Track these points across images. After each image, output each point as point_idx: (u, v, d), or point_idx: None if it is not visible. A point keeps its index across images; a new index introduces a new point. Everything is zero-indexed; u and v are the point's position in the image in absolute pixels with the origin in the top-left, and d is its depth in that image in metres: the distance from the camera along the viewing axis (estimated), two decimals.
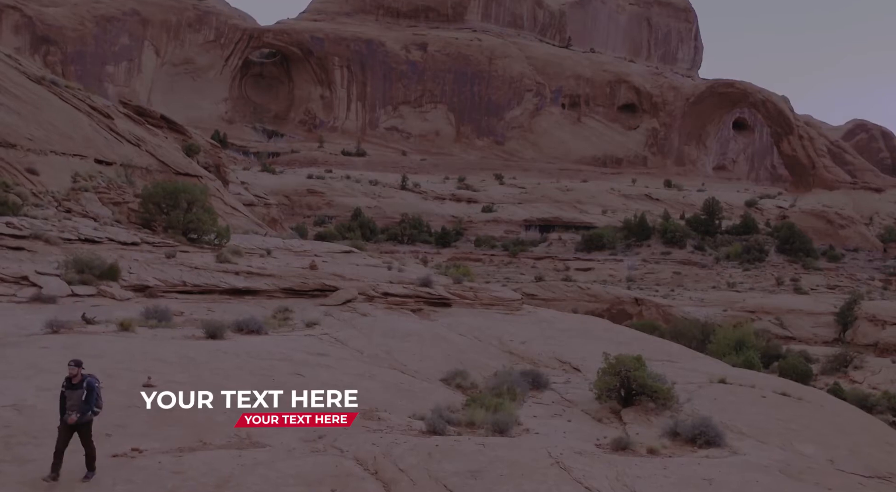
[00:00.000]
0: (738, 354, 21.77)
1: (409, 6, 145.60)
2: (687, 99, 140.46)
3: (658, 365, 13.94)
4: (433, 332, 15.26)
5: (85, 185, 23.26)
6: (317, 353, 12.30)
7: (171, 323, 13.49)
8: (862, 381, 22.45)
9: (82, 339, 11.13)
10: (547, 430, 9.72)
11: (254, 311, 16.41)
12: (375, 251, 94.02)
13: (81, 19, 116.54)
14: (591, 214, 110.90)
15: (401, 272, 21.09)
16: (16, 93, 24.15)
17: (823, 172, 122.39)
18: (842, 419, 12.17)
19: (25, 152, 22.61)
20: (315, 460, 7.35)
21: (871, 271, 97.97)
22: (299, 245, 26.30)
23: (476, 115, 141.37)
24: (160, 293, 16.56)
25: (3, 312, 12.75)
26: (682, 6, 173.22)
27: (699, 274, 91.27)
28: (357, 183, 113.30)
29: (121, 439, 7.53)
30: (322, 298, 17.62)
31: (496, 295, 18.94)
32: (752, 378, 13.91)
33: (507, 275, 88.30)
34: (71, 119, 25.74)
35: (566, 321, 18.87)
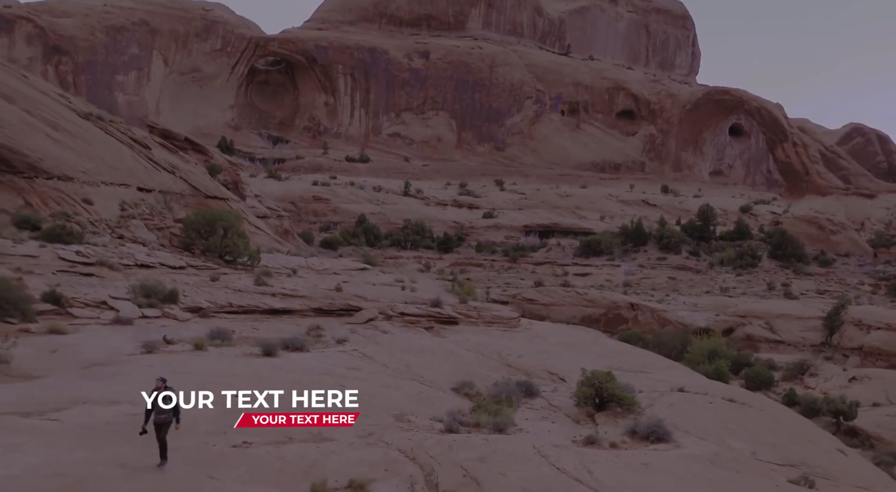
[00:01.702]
0: (711, 362, 24.63)
1: (411, 15, 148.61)
2: (684, 106, 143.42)
3: (632, 376, 16.90)
4: (444, 348, 18.20)
5: (132, 212, 26.23)
6: (351, 368, 15.21)
7: (231, 342, 16.42)
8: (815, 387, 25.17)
9: (172, 358, 14.06)
10: (535, 429, 12.66)
11: (291, 328, 19.38)
12: (380, 257, 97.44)
13: (92, 29, 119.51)
14: (590, 220, 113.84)
15: (413, 292, 23.99)
16: (69, 129, 27.11)
17: (817, 178, 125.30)
18: (775, 421, 15.11)
19: (81, 184, 25.58)
20: (370, 450, 10.30)
21: (861, 276, 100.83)
22: (319, 263, 29.24)
23: (477, 121, 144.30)
24: (212, 314, 19.49)
25: (98, 335, 15.68)
26: (680, 13, 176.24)
27: (693, 279, 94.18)
28: (361, 189, 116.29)
29: (233, 436, 10.46)
30: (347, 317, 20.56)
31: (497, 314, 21.85)
32: (707, 387, 16.84)
33: (508, 280, 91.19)
34: (115, 151, 28.70)
35: (558, 336, 21.79)
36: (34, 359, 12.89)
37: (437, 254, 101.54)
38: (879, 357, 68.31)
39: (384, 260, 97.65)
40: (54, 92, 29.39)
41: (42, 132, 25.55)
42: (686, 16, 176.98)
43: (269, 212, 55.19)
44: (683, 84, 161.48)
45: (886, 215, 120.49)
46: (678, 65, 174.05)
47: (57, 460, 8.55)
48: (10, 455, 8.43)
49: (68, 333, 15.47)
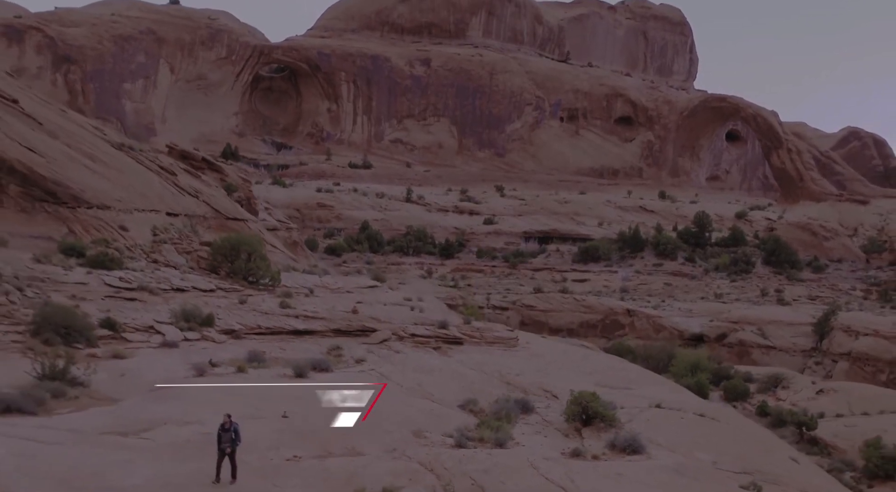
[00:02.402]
0: (693, 375, 26.97)
1: (412, 23, 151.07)
2: (681, 113, 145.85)
3: (616, 392, 19.31)
4: (450, 367, 20.56)
5: (163, 237, 28.62)
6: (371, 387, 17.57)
7: (266, 364, 18.79)
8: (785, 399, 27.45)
9: (221, 381, 16.42)
10: (530, 443, 15.01)
11: (313, 348, 21.78)
12: (383, 263, 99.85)
13: (100, 39, 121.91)
14: (588, 226, 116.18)
15: (421, 312, 26.36)
16: (105, 160, 29.50)
17: (811, 184, 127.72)
18: (738, 433, 17.48)
19: (117, 212, 27.97)
20: (396, 463, 12.63)
21: (853, 282, 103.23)
22: (333, 282, 31.63)
23: (478, 127, 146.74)
24: (243, 335, 21.86)
25: (152, 358, 18.05)
26: (678, 20, 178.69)
27: (689, 285, 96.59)
28: (364, 196, 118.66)
29: (285, 451, 12.79)
30: (364, 338, 22.92)
31: (497, 335, 24.21)
32: (682, 403, 19.19)
33: (508, 286, 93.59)
34: (145, 179, 31.10)
35: (552, 354, 24.16)
36: (108, 383, 15.20)
37: (439, 260, 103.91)
38: (867, 362, 70.85)
39: (387, 266, 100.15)
40: (89, 124, 31.78)
41: (82, 164, 27.94)
42: (684, 22, 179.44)
43: (278, 224, 57.37)
44: (681, 90, 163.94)
45: (879, 221, 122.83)
46: (676, 71, 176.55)
47: (165, 472, 10.86)
48: (128, 468, 10.73)
49: (127, 357, 17.81)
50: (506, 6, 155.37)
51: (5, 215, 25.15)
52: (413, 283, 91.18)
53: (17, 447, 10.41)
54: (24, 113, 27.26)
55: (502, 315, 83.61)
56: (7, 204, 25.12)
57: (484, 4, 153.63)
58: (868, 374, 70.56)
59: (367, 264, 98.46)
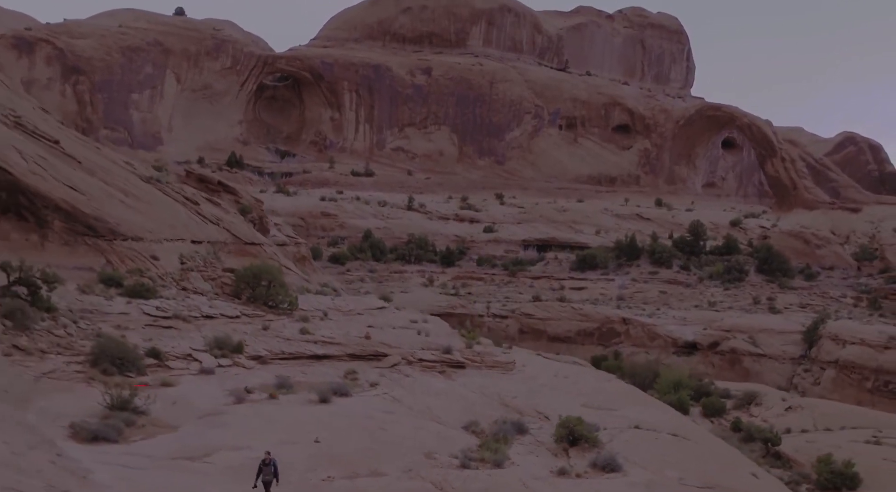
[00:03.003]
0: (675, 392, 29.51)
1: (414, 32, 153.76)
2: (677, 121, 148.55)
3: (600, 413, 21.94)
4: (455, 391, 23.14)
5: (190, 265, 31.23)
6: (386, 411, 20.13)
7: (293, 389, 21.37)
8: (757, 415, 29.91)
9: (259, 408, 18.98)
10: (524, 462, 17.58)
11: (331, 372, 24.39)
12: (386, 271, 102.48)
13: (109, 50, 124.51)
14: (586, 234, 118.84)
15: (427, 337, 28.96)
16: (136, 194, 32.12)
17: (804, 192, 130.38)
18: (706, 451, 20.09)
19: (149, 242, 30.58)
20: (413, 482, 15.17)
21: (844, 289, 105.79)
22: (345, 305, 34.25)
23: (478, 136, 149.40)
24: (269, 360, 24.45)
25: (194, 385, 20.61)
26: (675, 28, 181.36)
27: (683, 293, 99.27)
28: (366, 204, 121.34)
29: (320, 472, 15.35)
30: (376, 362, 25.51)
31: (496, 359, 26.78)
32: (657, 423, 21.76)
33: (507, 294, 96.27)
34: (172, 210, 33.72)
35: (545, 375, 26.74)
36: (164, 411, 17.72)
37: (440, 268, 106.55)
38: (853, 370, 73.65)
39: (389, 274, 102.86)
40: (121, 160, 34.38)
41: (117, 199, 30.55)
42: (681, 31, 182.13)
43: (287, 239, 59.83)
44: (678, 98, 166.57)
45: (870, 229, 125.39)
46: (673, 78, 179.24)
47: None
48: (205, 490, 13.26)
49: (174, 385, 20.37)
50: (505, 16, 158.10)
51: (51, 249, 27.76)
52: (415, 291, 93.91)
53: (116, 473, 12.90)
54: (65, 153, 29.88)
55: (502, 323, 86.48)
56: (52, 238, 27.75)
57: (484, 14, 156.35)
58: (854, 381, 73.37)
59: (371, 273, 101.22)
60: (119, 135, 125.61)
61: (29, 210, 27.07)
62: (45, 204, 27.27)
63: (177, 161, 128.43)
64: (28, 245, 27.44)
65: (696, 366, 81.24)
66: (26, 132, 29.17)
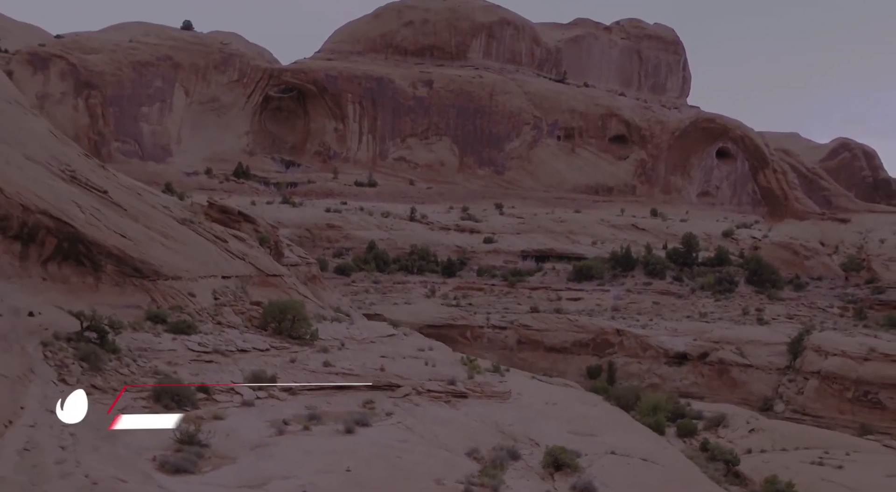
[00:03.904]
0: (653, 415, 33.34)
1: (416, 45, 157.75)
2: (672, 133, 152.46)
3: (583, 439, 25.83)
4: (459, 419, 26.96)
5: (223, 300, 35.10)
6: (401, 440, 23.89)
7: (322, 420, 25.17)
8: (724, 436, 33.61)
9: (297, 439, 22.76)
10: (517, 486, 21.35)
11: (351, 402, 28.23)
12: (389, 282, 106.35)
13: (120, 65, 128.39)
14: (583, 245, 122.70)
15: (434, 367, 32.84)
16: (173, 235, 35.96)
17: (795, 203, 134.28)
18: (670, 473, 23.94)
19: (186, 281, 34.48)
20: None
21: (832, 299, 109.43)
22: (359, 333, 38.14)
23: (478, 146, 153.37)
24: (298, 391, 28.31)
25: (240, 417, 24.35)
26: (671, 39, 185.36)
27: (676, 304, 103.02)
28: (370, 215, 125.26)
29: None
30: (390, 392, 29.35)
31: (494, 389, 30.63)
32: (631, 449, 25.56)
33: (506, 305, 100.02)
34: (204, 248, 37.57)
35: (538, 403, 30.59)
36: (222, 443, 21.42)
37: (442, 278, 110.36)
38: (834, 381, 77.56)
39: (393, 285, 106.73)
40: (159, 204, 38.29)
41: (158, 242, 34.40)
42: (677, 42, 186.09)
43: (299, 260, 63.54)
44: (673, 109, 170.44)
45: (859, 239, 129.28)
46: (669, 88, 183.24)
47: None
48: None
49: (223, 418, 24.15)
50: (505, 29, 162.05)
51: (104, 289, 31.67)
52: (418, 303, 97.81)
53: None
54: (113, 202, 33.80)
55: (501, 334, 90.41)
56: (105, 280, 31.66)
57: (484, 27, 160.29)
58: (836, 391, 77.33)
59: (375, 284, 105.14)
60: (130, 147, 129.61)
61: (86, 256, 30.90)
62: (100, 251, 31.09)
63: (185, 172, 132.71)
64: (85, 287, 31.27)
65: (686, 376, 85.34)
66: (80, 185, 33.07)
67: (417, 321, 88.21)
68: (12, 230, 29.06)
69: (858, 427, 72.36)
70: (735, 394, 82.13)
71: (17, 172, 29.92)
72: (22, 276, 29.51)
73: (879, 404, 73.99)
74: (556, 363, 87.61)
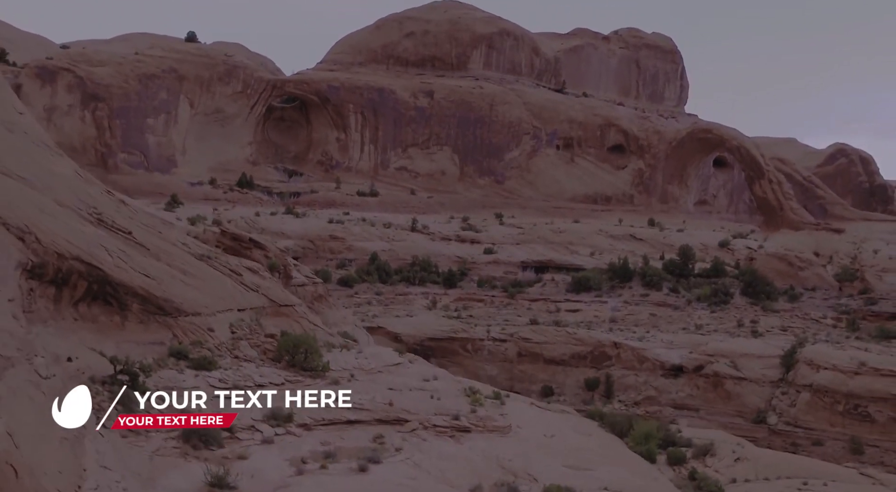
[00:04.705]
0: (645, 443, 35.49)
1: (416, 56, 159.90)
2: (669, 143, 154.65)
3: (578, 474, 27.97)
4: (463, 454, 29.06)
5: (239, 334, 37.18)
6: (410, 477, 26.00)
7: (337, 457, 27.26)
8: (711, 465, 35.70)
9: (316, 479, 24.87)
10: None
11: (362, 436, 30.32)
12: (391, 293, 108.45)
13: (126, 78, 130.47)
14: (581, 256, 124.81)
15: (439, 400, 34.99)
16: (193, 273, 38.04)
17: (790, 214, 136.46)
18: None
19: (205, 317, 36.60)
20: None
21: (825, 310, 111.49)
22: (367, 363, 40.25)
23: (478, 156, 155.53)
24: (312, 427, 30.41)
25: (262, 456, 26.44)
26: (669, 48, 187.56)
27: (672, 316, 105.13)
28: (372, 226, 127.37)
29: None
30: (398, 426, 31.48)
31: (496, 424, 32.73)
32: (623, 483, 27.70)
33: (506, 316, 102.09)
34: (221, 283, 39.65)
35: (536, 436, 32.71)
36: (247, 484, 23.52)
37: (443, 289, 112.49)
38: (826, 394, 79.77)
39: (395, 297, 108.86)
40: (178, 241, 40.40)
41: (179, 280, 36.51)
42: (674, 50, 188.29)
43: (306, 280, 65.39)
44: (671, 118, 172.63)
45: (852, 249, 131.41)
46: (667, 97, 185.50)
47: None
48: None
49: (247, 457, 26.24)
50: (505, 40, 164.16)
51: (130, 327, 33.79)
52: (420, 315, 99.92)
53: None
54: (137, 242, 35.94)
55: (502, 347, 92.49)
56: (131, 318, 33.78)
57: (484, 38, 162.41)
58: (827, 404, 79.54)
59: (377, 295, 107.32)
60: (136, 158, 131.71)
61: (113, 297, 33.01)
62: (126, 291, 33.21)
63: (190, 183, 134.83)
64: (112, 325, 33.39)
65: (682, 388, 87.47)
66: (107, 227, 35.21)
67: (420, 334, 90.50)
68: (48, 276, 31.13)
69: (849, 440, 74.71)
70: (729, 406, 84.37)
71: (51, 220, 32.04)
72: (56, 318, 31.62)
73: (869, 417, 76.19)
74: (556, 375, 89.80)
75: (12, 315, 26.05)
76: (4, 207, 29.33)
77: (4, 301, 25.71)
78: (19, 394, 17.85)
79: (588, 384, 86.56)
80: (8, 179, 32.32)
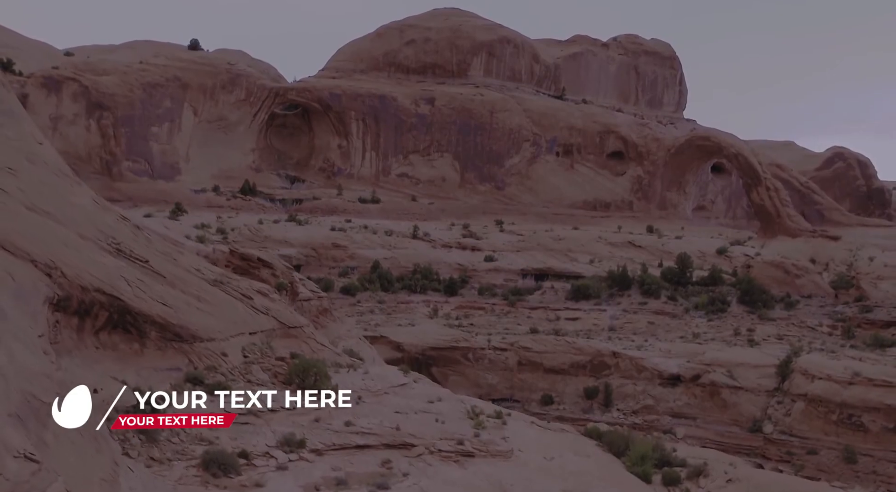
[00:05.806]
0: (641, 464, 37.01)
1: (417, 64, 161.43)
2: (668, 150, 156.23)
3: None
4: (467, 480, 30.60)
5: (251, 358, 38.70)
6: None
7: (349, 484, 28.80)
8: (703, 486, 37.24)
9: None
10: None
11: (371, 461, 31.85)
12: (393, 301, 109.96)
13: (130, 87, 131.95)
14: (580, 263, 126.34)
15: (443, 424, 36.52)
16: (207, 299, 39.57)
17: (787, 221, 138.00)
18: None
19: (219, 342, 38.14)
20: None
21: (821, 317, 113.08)
22: (373, 384, 41.78)
23: (478, 162, 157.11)
24: (324, 452, 31.95)
25: (277, 483, 28.00)
26: (668, 54, 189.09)
27: (670, 324, 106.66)
28: (374, 234, 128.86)
29: None
30: (405, 450, 32.99)
31: (498, 448, 34.31)
32: None
33: (507, 325, 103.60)
34: (233, 307, 41.18)
35: (536, 459, 34.29)
36: None
37: (444, 297, 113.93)
38: (820, 404, 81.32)
39: (397, 305, 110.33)
40: (192, 267, 41.92)
41: (194, 306, 38.03)
42: (673, 56, 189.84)
43: (311, 294, 66.96)
44: (669, 124, 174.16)
45: (848, 256, 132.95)
46: (666, 103, 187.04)
47: None
48: None
49: (263, 484, 27.80)
50: (505, 47, 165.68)
51: (148, 354, 35.29)
52: (421, 323, 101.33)
53: None
54: (154, 270, 37.46)
55: (502, 355, 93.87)
56: (149, 345, 35.28)
57: (485, 46, 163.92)
58: (821, 413, 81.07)
59: (380, 304, 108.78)
60: (140, 166, 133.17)
61: (133, 325, 34.53)
62: (145, 320, 34.72)
63: (193, 190, 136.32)
64: (131, 352, 34.90)
65: (679, 397, 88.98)
66: (125, 257, 36.73)
67: (422, 343, 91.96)
68: (72, 308, 32.65)
69: (843, 449, 76.28)
70: (726, 415, 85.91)
71: (74, 254, 33.56)
72: (80, 347, 33.12)
73: (862, 427, 77.72)
74: (555, 384, 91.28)
75: (43, 351, 27.60)
76: (32, 243, 30.87)
77: (36, 338, 27.26)
78: (62, 439, 19.35)
79: (587, 393, 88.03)
80: (34, 214, 33.85)
